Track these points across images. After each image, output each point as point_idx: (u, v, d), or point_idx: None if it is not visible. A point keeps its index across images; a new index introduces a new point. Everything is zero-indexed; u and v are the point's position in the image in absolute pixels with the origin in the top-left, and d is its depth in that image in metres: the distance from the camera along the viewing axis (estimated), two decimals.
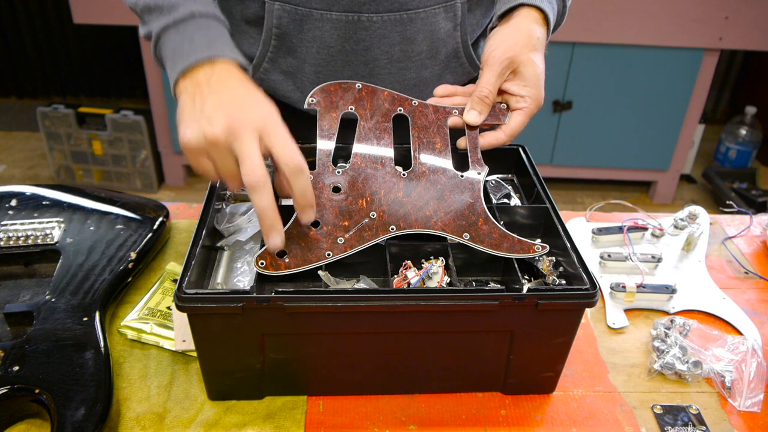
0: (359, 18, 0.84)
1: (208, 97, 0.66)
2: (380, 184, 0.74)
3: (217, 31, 0.74)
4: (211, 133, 0.63)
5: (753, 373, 0.75)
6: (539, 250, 0.70)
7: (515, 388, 0.73)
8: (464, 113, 0.80)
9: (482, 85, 0.79)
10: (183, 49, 0.71)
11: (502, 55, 0.78)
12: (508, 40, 0.79)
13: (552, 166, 2.75)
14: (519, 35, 0.79)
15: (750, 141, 2.96)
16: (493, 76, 0.78)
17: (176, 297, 0.62)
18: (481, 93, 0.79)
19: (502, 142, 0.81)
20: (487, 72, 0.79)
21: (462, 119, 0.81)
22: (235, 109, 0.64)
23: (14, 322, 0.73)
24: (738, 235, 1.04)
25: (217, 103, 0.65)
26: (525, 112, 0.81)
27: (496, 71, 0.78)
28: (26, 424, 0.67)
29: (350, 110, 0.79)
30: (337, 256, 0.68)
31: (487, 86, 0.79)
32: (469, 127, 0.80)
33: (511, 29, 0.80)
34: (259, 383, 0.70)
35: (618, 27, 2.39)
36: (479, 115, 0.80)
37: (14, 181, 2.84)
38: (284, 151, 0.64)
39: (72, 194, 0.93)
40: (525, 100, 0.80)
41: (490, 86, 0.79)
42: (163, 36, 0.73)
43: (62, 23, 3.02)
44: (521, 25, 0.80)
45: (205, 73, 0.69)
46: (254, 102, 0.66)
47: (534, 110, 0.81)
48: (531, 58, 0.78)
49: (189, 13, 0.73)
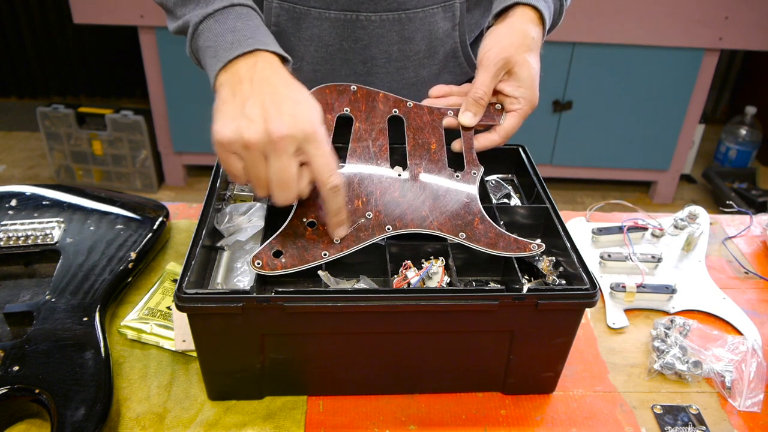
0: (357, 17, 0.84)
1: (250, 96, 0.64)
2: (376, 184, 0.74)
3: (257, 21, 0.73)
4: (248, 136, 0.61)
5: (753, 373, 0.75)
6: (535, 249, 0.70)
7: (515, 388, 0.73)
8: (459, 115, 0.80)
9: (477, 87, 0.79)
10: (225, 39, 0.69)
11: (497, 55, 0.77)
12: (503, 41, 0.78)
13: (552, 166, 2.75)
14: (514, 35, 0.79)
15: (750, 141, 2.96)
16: (487, 78, 0.78)
17: (176, 297, 0.62)
18: (476, 95, 0.79)
19: (496, 143, 0.81)
20: (482, 73, 0.78)
21: (457, 120, 0.81)
22: (277, 115, 0.62)
23: (14, 322, 0.73)
24: (738, 235, 1.04)
25: (260, 105, 0.63)
26: (519, 113, 0.80)
27: (491, 72, 0.78)
28: (26, 424, 0.67)
29: (345, 112, 0.79)
30: (334, 256, 0.68)
31: (482, 87, 0.78)
32: (464, 128, 0.81)
33: (506, 29, 0.80)
34: (259, 383, 0.70)
35: (618, 27, 2.39)
36: (474, 117, 0.80)
37: (14, 181, 2.84)
38: (323, 171, 0.64)
39: (72, 194, 0.93)
40: (519, 101, 0.80)
41: (485, 87, 0.78)
42: (202, 26, 0.72)
43: (62, 23, 3.02)
44: (516, 25, 0.79)
45: (247, 66, 0.67)
46: (297, 108, 0.64)
47: (528, 112, 0.81)
48: (526, 59, 0.78)
49: (228, 3, 0.72)
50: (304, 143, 0.62)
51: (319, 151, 0.63)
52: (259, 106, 0.63)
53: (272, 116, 0.62)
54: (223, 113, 0.64)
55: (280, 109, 0.63)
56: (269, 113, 0.62)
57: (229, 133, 0.62)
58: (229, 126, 0.62)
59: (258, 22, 0.73)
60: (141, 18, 2.36)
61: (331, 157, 0.64)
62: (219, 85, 0.68)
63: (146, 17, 2.36)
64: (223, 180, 0.81)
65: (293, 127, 0.62)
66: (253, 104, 0.63)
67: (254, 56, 0.68)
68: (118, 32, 2.95)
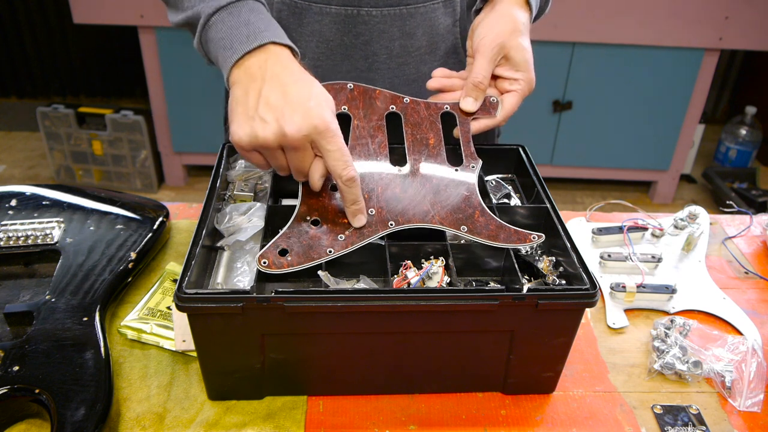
0: (358, 12, 0.85)
1: (262, 94, 0.66)
2: (377, 181, 0.74)
3: (268, 15, 0.74)
4: (263, 136, 0.65)
5: (753, 373, 0.75)
6: (535, 240, 0.71)
7: (515, 388, 0.73)
8: (460, 102, 0.81)
9: (476, 72, 0.80)
10: (240, 32, 0.70)
11: (492, 41, 0.79)
12: (495, 27, 0.80)
13: (552, 166, 2.75)
14: (505, 21, 0.80)
15: (750, 141, 2.97)
16: (485, 62, 0.79)
17: (176, 297, 0.62)
18: (476, 79, 0.80)
19: (497, 123, 0.82)
20: (480, 59, 0.80)
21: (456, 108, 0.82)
22: (289, 114, 0.64)
23: (14, 322, 0.73)
24: (738, 235, 1.04)
25: (272, 105, 0.65)
26: (518, 93, 0.82)
27: (488, 57, 0.79)
28: (26, 424, 0.67)
29: (343, 110, 0.79)
30: (338, 252, 0.68)
31: (481, 71, 0.79)
32: (462, 116, 0.81)
33: (496, 16, 0.81)
34: (259, 383, 0.70)
35: (618, 27, 2.39)
36: (475, 102, 0.81)
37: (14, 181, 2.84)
38: (337, 164, 0.66)
39: (72, 194, 0.93)
40: (518, 82, 0.81)
41: (483, 71, 0.79)
42: (214, 18, 0.72)
43: (62, 23, 3.02)
44: (505, 11, 0.81)
45: (258, 63, 0.68)
46: (309, 104, 0.65)
47: (527, 92, 0.82)
48: (520, 43, 0.80)
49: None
50: (317, 138, 0.65)
51: (332, 146, 0.65)
52: (271, 106, 0.65)
53: (285, 115, 0.64)
54: (238, 114, 0.67)
55: (292, 107, 0.65)
56: (281, 112, 0.64)
57: (245, 136, 0.66)
58: (245, 129, 0.66)
59: (269, 16, 0.74)
60: (141, 18, 2.36)
61: (344, 150, 0.66)
62: (232, 82, 0.69)
63: (146, 17, 2.36)
64: (223, 180, 0.81)
65: (305, 124, 0.64)
66: (265, 104, 0.65)
67: (265, 52, 0.69)
68: (118, 32, 2.95)
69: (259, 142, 0.65)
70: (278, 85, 0.66)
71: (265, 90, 0.66)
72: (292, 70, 0.68)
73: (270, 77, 0.67)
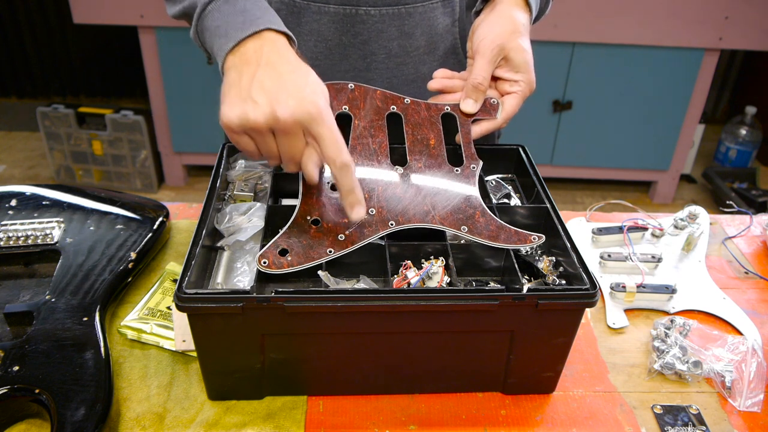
0: (357, 11, 0.85)
1: (257, 78, 0.65)
2: (377, 181, 0.74)
3: (265, 4, 0.74)
4: (254, 118, 0.63)
5: (753, 373, 0.75)
6: (536, 240, 0.71)
7: (515, 388, 0.73)
8: (461, 103, 0.81)
9: (476, 73, 0.79)
10: (236, 19, 0.69)
11: (492, 43, 0.79)
12: (495, 29, 0.80)
13: (552, 166, 2.75)
14: (505, 23, 0.80)
15: (750, 141, 2.97)
16: (485, 63, 0.79)
17: (176, 297, 0.62)
18: (475, 80, 0.79)
19: (498, 125, 0.82)
20: (480, 60, 0.79)
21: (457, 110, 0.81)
22: (283, 98, 0.63)
23: (14, 322, 0.73)
24: (738, 235, 1.04)
25: (266, 88, 0.64)
26: (519, 95, 0.82)
27: (488, 58, 0.79)
28: (26, 424, 0.67)
29: (344, 110, 0.79)
30: (339, 252, 0.68)
31: (481, 73, 0.79)
32: (463, 118, 0.81)
33: (496, 17, 0.81)
34: (259, 383, 0.70)
35: (618, 27, 2.39)
36: (475, 104, 0.80)
37: (14, 181, 2.84)
38: (330, 149, 0.64)
39: (72, 194, 0.93)
40: (519, 84, 0.81)
41: (483, 73, 0.79)
42: (210, 6, 0.72)
43: (62, 23, 3.02)
44: (505, 12, 0.81)
45: (254, 48, 0.68)
46: (303, 90, 0.65)
47: (527, 93, 0.82)
48: (519, 44, 0.80)
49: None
50: (310, 124, 0.64)
51: (325, 131, 0.64)
52: (265, 89, 0.64)
53: (278, 99, 0.63)
54: (230, 96, 0.65)
55: (286, 91, 0.64)
56: (275, 96, 0.63)
57: (235, 116, 0.64)
58: (235, 110, 0.64)
59: (266, 4, 0.74)
60: (141, 18, 2.37)
61: (338, 136, 0.65)
62: (227, 68, 0.69)
63: (146, 17, 2.36)
64: (223, 180, 0.81)
65: (298, 109, 0.63)
66: (259, 87, 0.64)
67: (261, 39, 0.68)
68: (118, 32, 2.95)
69: (249, 124, 0.64)
70: (274, 70, 0.66)
71: (260, 74, 0.65)
72: (289, 58, 0.68)
73: (265, 63, 0.66)
